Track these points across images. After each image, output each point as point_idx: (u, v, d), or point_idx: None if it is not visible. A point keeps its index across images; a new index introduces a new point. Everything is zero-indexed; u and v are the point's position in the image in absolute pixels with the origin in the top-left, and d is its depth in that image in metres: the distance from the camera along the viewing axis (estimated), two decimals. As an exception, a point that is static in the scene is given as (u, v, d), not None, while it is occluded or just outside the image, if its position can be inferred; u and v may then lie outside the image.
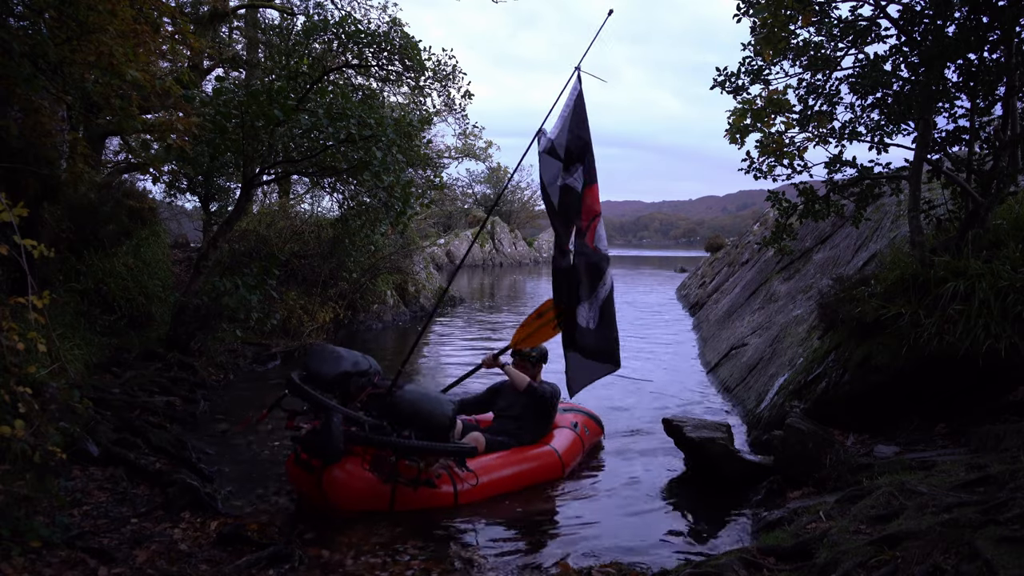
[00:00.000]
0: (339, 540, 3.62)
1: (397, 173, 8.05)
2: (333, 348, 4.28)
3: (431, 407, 4.11)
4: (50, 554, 3.02)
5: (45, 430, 3.15)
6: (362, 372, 4.17)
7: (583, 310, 4.48)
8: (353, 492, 3.89)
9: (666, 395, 7.31)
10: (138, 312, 7.42)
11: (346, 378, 4.10)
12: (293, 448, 4.09)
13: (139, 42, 4.56)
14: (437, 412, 4.11)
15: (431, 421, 4.09)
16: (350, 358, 4.19)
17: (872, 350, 4.68)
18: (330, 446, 3.74)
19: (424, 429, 4.07)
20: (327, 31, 8.65)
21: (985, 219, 4.72)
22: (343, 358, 4.16)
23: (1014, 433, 3.67)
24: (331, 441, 3.73)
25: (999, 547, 2.31)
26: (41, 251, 2.91)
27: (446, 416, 4.15)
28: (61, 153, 5.58)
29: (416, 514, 3.96)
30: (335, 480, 3.85)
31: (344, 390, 4.11)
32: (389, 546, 3.59)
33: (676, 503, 4.40)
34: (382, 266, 12.19)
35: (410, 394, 4.14)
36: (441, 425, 4.12)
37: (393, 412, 4.04)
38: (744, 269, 13.42)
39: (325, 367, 4.08)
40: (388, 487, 3.93)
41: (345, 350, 4.27)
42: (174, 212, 12.75)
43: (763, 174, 5.72)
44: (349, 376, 4.11)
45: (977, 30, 4.47)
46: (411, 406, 4.06)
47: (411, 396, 4.12)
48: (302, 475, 3.96)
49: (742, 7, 5.35)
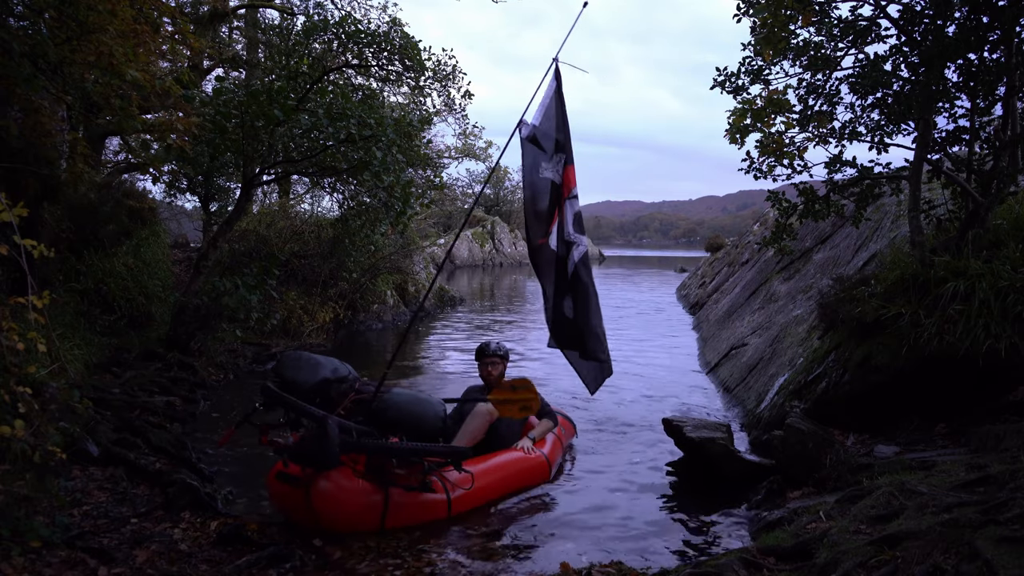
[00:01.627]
0: (338, 540, 3.61)
1: (397, 173, 8.05)
2: (308, 355, 4.07)
3: (421, 409, 3.95)
4: (50, 554, 3.02)
5: (45, 430, 3.15)
6: (341, 378, 3.97)
7: (567, 301, 4.45)
8: (344, 505, 3.65)
9: (666, 395, 7.31)
10: (138, 312, 7.42)
11: (326, 385, 3.89)
12: (275, 462, 3.79)
13: (139, 42, 4.56)
14: (428, 414, 3.95)
15: (422, 424, 3.92)
16: (328, 364, 3.99)
17: (872, 350, 4.68)
18: (328, 450, 3.49)
19: (415, 432, 3.90)
20: (327, 31, 8.66)
21: (985, 219, 4.72)
22: (321, 364, 3.96)
23: (1014, 433, 3.67)
24: (329, 445, 3.49)
25: (999, 547, 2.31)
26: (41, 251, 2.91)
27: (438, 417, 3.97)
28: (61, 153, 5.58)
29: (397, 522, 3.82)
30: (325, 492, 3.59)
31: (325, 398, 3.89)
32: (387, 547, 3.58)
33: (676, 503, 4.40)
34: (382, 266, 12.20)
35: (398, 397, 3.98)
36: (433, 427, 3.96)
37: (381, 417, 3.87)
38: (744, 269, 13.42)
39: (302, 375, 3.86)
40: (381, 500, 3.73)
41: (320, 356, 4.08)
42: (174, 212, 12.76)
43: (763, 174, 5.72)
44: (329, 383, 3.91)
45: (977, 30, 4.48)
46: (399, 409, 3.89)
47: (399, 399, 3.96)
48: (287, 491, 3.68)
49: (742, 7, 5.35)
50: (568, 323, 4.46)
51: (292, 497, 3.65)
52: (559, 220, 4.44)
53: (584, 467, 5.07)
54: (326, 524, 3.64)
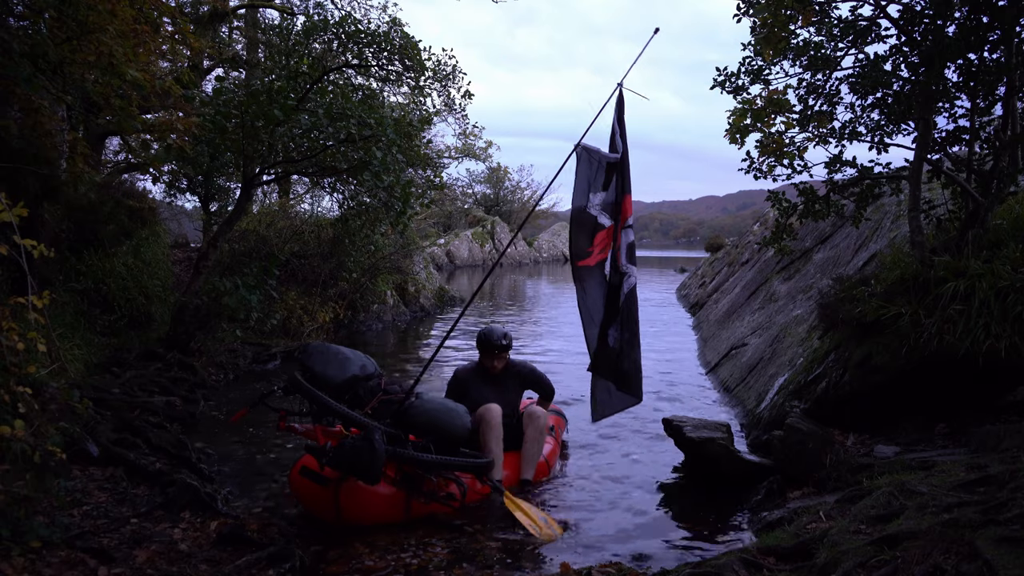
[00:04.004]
0: (337, 540, 3.62)
1: (397, 173, 8.05)
2: (336, 348, 4.05)
3: (449, 419, 3.99)
4: (50, 554, 3.02)
5: (45, 430, 3.15)
6: (369, 376, 3.99)
7: (613, 331, 4.33)
8: (372, 507, 3.71)
9: (666, 395, 7.31)
10: (138, 312, 7.42)
11: (355, 382, 3.88)
12: (288, 455, 3.85)
13: (139, 42, 4.56)
14: (457, 424, 4.00)
15: (450, 432, 3.96)
16: (356, 360, 3.97)
17: (872, 350, 4.68)
18: (375, 467, 3.46)
19: (441, 440, 3.94)
20: (327, 31, 8.67)
21: (985, 219, 4.72)
22: (350, 360, 3.93)
23: (1014, 433, 3.67)
24: (376, 461, 3.45)
25: (999, 547, 2.31)
26: (41, 251, 2.91)
27: (464, 427, 4.03)
28: (61, 153, 5.59)
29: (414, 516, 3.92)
30: (355, 493, 3.61)
31: (353, 395, 3.89)
32: (388, 546, 3.58)
33: (676, 503, 4.40)
34: (382, 266, 12.20)
35: (429, 404, 4.00)
36: (459, 436, 4.01)
37: (410, 421, 3.89)
38: (744, 269, 13.42)
39: (331, 370, 3.84)
40: (403, 500, 3.79)
41: (349, 350, 4.06)
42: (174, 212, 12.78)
43: (763, 174, 5.72)
44: (358, 380, 3.90)
45: (977, 30, 4.47)
46: (428, 416, 3.92)
47: (428, 406, 3.98)
48: (312, 488, 3.68)
49: (742, 7, 5.34)
50: (611, 353, 4.34)
51: (318, 495, 3.67)
52: (613, 249, 4.32)
53: (584, 467, 5.07)
54: (351, 523, 3.70)
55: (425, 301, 14.47)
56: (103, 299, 7.09)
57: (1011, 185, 4.84)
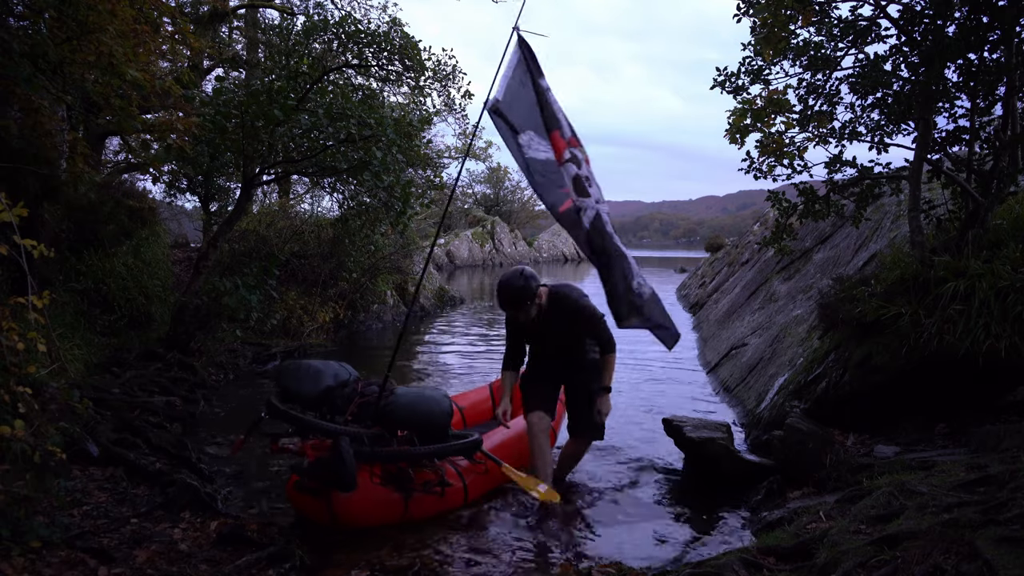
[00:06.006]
0: (337, 540, 3.62)
1: (397, 173, 8.05)
2: (308, 363, 4.03)
3: (428, 407, 3.98)
4: (50, 554, 3.02)
5: (45, 430, 3.15)
6: (343, 383, 3.97)
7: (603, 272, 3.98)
8: (364, 511, 3.72)
9: (666, 395, 7.31)
10: (138, 312, 7.42)
11: (330, 393, 3.89)
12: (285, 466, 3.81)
13: (139, 42, 4.56)
14: (436, 410, 3.99)
15: (432, 420, 3.97)
16: (328, 371, 3.96)
17: (872, 350, 4.68)
18: (346, 474, 3.50)
19: (424, 430, 3.95)
20: (327, 31, 8.66)
21: (985, 219, 4.72)
22: (322, 372, 3.93)
23: (1014, 433, 3.67)
24: (346, 469, 3.49)
25: (999, 547, 2.31)
26: (41, 251, 2.91)
27: (446, 413, 4.02)
28: (61, 153, 5.59)
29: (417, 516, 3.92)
30: (347, 500, 3.63)
31: (331, 405, 3.90)
32: (390, 546, 3.58)
33: (676, 503, 4.40)
34: (382, 266, 12.20)
35: (404, 397, 3.98)
36: (442, 423, 4.00)
37: (389, 418, 3.89)
38: (744, 269, 13.42)
39: (306, 385, 3.84)
40: (401, 498, 3.79)
41: (320, 362, 4.05)
42: (174, 212, 12.76)
43: (763, 174, 5.72)
44: (332, 390, 3.90)
45: (977, 30, 4.47)
46: (406, 408, 3.92)
47: (405, 399, 3.97)
48: (308, 500, 3.71)
49: (742, 7, 5.35)
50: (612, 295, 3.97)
51: (314, 505, 3.70)
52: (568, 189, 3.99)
53: (583, 467, 5.06)
54: (350, 528, 3.71)
55: (425, 301, 14.48)
56: (103, 299, 7.09)
57: (1011, 185, 4.84)
